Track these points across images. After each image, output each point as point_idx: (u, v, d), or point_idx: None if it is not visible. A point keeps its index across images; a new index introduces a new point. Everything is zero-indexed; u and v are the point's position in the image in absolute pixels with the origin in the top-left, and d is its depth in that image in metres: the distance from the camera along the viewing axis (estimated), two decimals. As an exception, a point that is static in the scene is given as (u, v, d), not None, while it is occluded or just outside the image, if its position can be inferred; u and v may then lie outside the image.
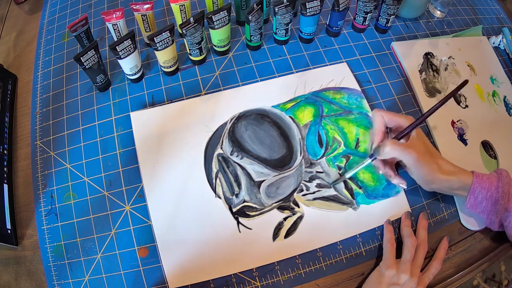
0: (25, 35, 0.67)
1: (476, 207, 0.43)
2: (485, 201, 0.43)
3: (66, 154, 0.52)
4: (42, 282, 0.46)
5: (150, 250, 0.45)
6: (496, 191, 0.42)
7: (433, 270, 0.44)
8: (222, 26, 0.53)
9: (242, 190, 0.47)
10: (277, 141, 0.50)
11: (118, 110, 0.54)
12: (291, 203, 0.47)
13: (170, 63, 0.54)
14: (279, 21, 0.55)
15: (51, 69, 0.60)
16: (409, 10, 0.63)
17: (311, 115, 0.52)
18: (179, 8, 0.54)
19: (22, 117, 0.57)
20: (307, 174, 0.49)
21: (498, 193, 0.42)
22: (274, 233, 0.46)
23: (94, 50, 0.50)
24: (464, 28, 0.66)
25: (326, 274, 0.45)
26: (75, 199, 0.49)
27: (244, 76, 0.56)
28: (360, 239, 0.46)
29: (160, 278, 0.44)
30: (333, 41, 0.61)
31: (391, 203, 0.48)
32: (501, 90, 0.60)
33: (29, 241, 0.48)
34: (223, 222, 0.46)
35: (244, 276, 0.44)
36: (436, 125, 0.53)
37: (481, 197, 0.43)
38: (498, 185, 0.42)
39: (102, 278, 0.45)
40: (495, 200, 0.42)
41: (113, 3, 0.67)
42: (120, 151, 0.51)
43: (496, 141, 0.54)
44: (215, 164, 0.49)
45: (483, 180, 0.43)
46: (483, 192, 0.42)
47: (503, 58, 0.65)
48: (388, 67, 0.59)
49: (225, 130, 0.51)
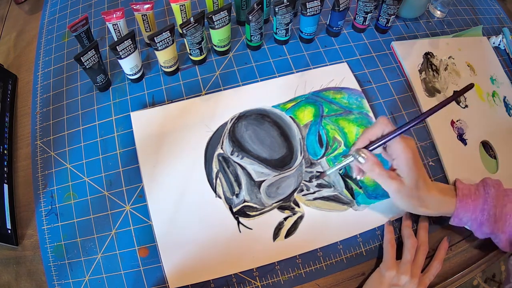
0: (25, 35, 0.67)
1: (460, 225, 0.43)
2: (470, 222, 0.42)
3: (66, 154, 0.52)
4: (42, 282, 0.46)
5: (150, 250, 0.45)
6: (481, 214, 0.41)
7: (434, 270, 0.44)
8: (222, 26, 0.53)
9: (243, 190, 0.47)
10: (278, 141, 0.50)
11: (119, 110, 0.54)
12: (291, 203, 0.47)
13: (170, 63, 0.54)
14: (280, 21, 0.55)
15: (51, 69, 0.60)
16: (409, 10, 0.63)
17: (312, 115, 0.52)
18: (180, 8, 0.54)
19: (22, 117, 0.57)
20: (308, 174, 0.49)
21: (483, 216, 0.41)
22: (275, 233, 0.46)
23: (95, 50, 0.50)
24: (464, 28, 0.66)
25: (327, 274, 0.45)
26: (75, 199, 0.49)
27: (245, 76, 0.56)
28: (361, 239, 0.47)
29: (161, 278, 0.44)
30: (333, 41, 0.61)
31: (392, 203, 0.48)
32: (501, 90, 0.60)
33: (29, 241, 0.48)
34: (223, 222, 0.46)
35: (244, 276, 0.44)
36: (435, 125, 0.53)
37: (465, 219, 0.42)
38: (484, 207, 0.41)
39: (103, 278, 0.45)
40: (480, 222, 0.41)
41: (113, 3, 0.67)
42: (120, 151, 0.51)
43: (496, 141, 0.54)
44: (215, 164, 0.49)
45: (467, 204, 0.41)
46: (467, 215, 0.41)
47: (503, 58, 0.65)
48: (388, 67, 0.59)
49: (226, 130, 0.51)
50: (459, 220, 0.42)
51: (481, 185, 0.43)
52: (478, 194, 0.42)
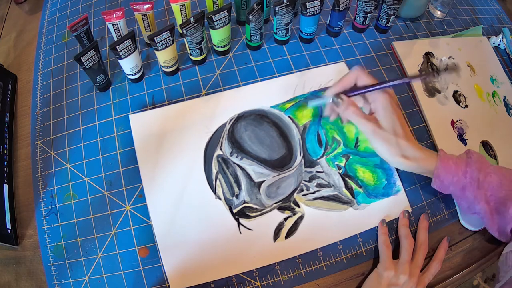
0: (25, 35, 0.67)
1: (444, 190, 0.42)
2: (452, 186, 0.41)
3: (66, 154, 0.52)
4: (42, 282, 0.46)
5: (151, 250, 0.45)
6: (464, 177, 0.40)
7: (433, 270, 0.44)
8: (222, 26, 0.53)
9: (242, 191, 0.47)
10: (277, 142, 0.50)
11: (119, 110, 0.54)
12: (291, 203, 0.47)
13: (170, 63, 0.54)
14: (280, 21, 0.55)
15: (51, 69, 0.60)
16: (409, 10, 0.63)
17: (310, 115, 0.52)
18: (180, 8, 0.54)
19: (22, 117, 0.57)
20: (307, 174, 0.49)
21: (466, 178, 0.40)
22: (275, 234, 0.46)
23: (94, 50, 0.50)
24: (464, 28, 0.66)
25: (327, 274, 0.45)
26: (75, 199, 0.49)
27: (245, 76, 0.56)
28: (361, 239, 0.47)
29: (161, 278, 0.44)
30: (333, 41, 0.61)
31: (392, 202, 0.48)
32: (501, 90, 0.60)
33: (29, 241, 0.48)
34: (223, 223, 0.46)
35: (244, 276, 0.44)
36: (435, 125, 0.53)
37: (447, 182, 0.41)
38: (466, 170, 0.40)
39: (103, 278, 0.45)
40: (463, 186, 0.40)
41: (113, 3, 0.67)
42: (120, 151, 0.51)
43: (496, 141, 0.54)
44: (214, 166, 0.49)
45: (448, 165, 0.40)
46: (448, 177, 0.40)
47: (503, 58, 0.65)
48: (388, 67, 0.59)
49: (225, 131, 0.51)
50: (440, 183, 0.41)
51: (464, 153, 0.43)
52: (460, 158, 0.41)
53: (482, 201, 0.40)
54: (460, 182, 0.40)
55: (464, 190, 0.41)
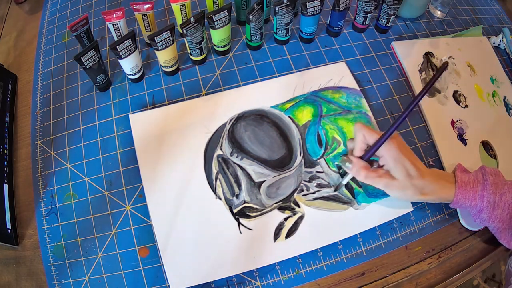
0: (25, 35, 0.67)
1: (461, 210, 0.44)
2: (469, 209, 0.42)
3: (66, 154, 0.52)
4: (43, 282, 0.46)
5: (151, 250, 0.45)
6: (481, 201, 0.41)
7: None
8: (222, 26, 0.53)
9: (243, 191, 0.47)
10: (277, 142, 0.50)
11: (119, 110, 0.54)
12: (291, 203, 0.47)
13: (170, 63, 0.54)
14: (280, 21, 0.55)
15: (51, 69, 0.60)
16: (409, 10, 0.63)
17: (310, 115, 0.52)
18: (180, 8, 0.54)
19: (22, 117, 0.57)
20: (307, 174, 0.49)
21: (483, 203, 0.41)
22: (275, 234, 0.46)
23: (95, 50, 0.50)
24: (464, 28, 0.66)
25: (327, 273, 0.45)
26: (75, 199, 0.49)
27: (245, 76, 0.56)
28: (361, 238, 0.47)
29: (161, 278, 0.44)
30: (333, 41, 0.61)
31: (392, 202, 0.48)
32: (501, 90, 0.60)
33: (29, 241, 0.48)
34: (223, 223, 0.46)
35: (244, 276, 0.44)
36: (435, 125, 0.53)
37: (465, 206, 0.42)
38: (483, 194, 0.41)
39: (103, 278, 0.45)
40: (480, 209, 0.42)
41: (114, 3, 0.67)
42: (121, 151, 0.51)
43: (496, 141, 0.54)
44: (215, 166, 0.49)
45: (466, 191, 0.42)
46: (466, 202, 0.42)
47: (503, 58, 0.65)
48: (388, 67, 0.59)
49: (225, 131, 0.51)
50: (458, 206, 0.43)
51: (479, 172, 0.43)
52: (477, 181, 0.42)
53: (496, 221, 0.41)
54: (477, 206, 0.42)
55: (480, 213, 0.42)
